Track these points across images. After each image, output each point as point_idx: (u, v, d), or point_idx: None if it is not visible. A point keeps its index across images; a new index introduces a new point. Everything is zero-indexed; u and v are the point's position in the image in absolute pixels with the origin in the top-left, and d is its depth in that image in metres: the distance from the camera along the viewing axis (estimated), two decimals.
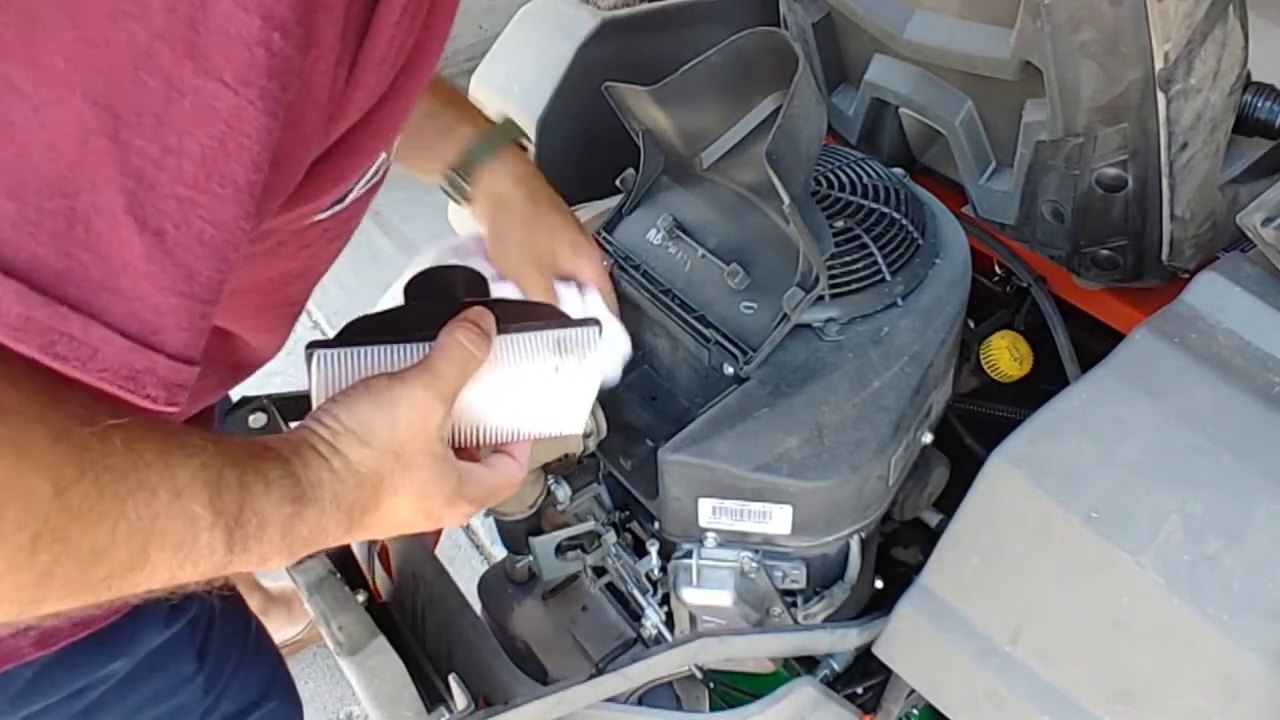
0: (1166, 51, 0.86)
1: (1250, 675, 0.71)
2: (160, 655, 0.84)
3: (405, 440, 0.60)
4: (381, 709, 1.00)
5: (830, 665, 1.01)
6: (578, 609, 1.21)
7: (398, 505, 0.62)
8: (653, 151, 1.05)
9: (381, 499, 0.60)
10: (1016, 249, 1.18)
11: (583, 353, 0.69)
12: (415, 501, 0.62)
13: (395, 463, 0.60)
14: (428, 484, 0.62)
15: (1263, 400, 0.78)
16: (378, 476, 0.60)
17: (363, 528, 0.61)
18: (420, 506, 0.63)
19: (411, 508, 0.62)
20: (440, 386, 0.61)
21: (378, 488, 0.60)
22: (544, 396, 0.70)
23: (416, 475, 0.61)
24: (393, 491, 0.61)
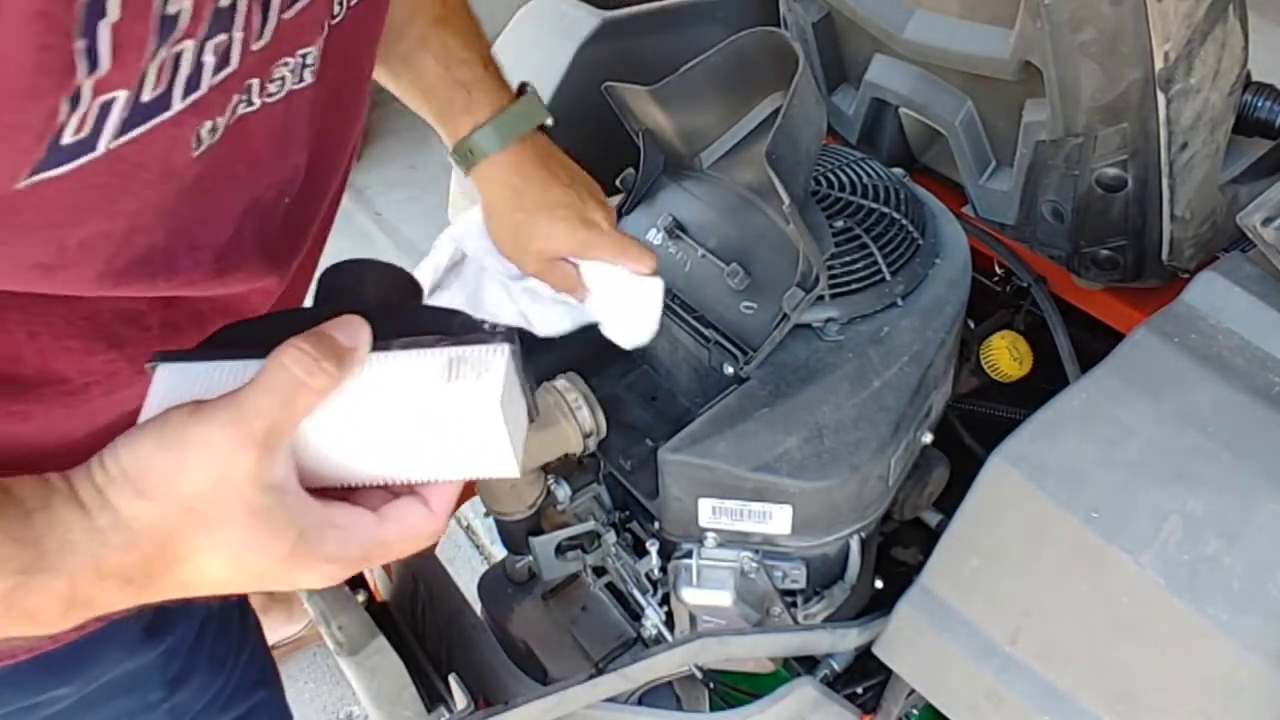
0: (1166, 51, 0.86)
1: (1250, 675, 0.71)
2: (126, 680, 0.80)
3: (197, 491, 0.48)
4: (381, 709, 1.00)
5: (830, 665, 1.01)
6: (578, 609, 1.21)
7: (206, 567, 0.50)
8: (653, 151, 1.05)
9: (177, 560, 0.49)
10: (1016, 249, 1.18)
11: (478, 376, 0.53)
12: (231, 564, 0.50)
13: (186, 518, 0.48)
14: (244, 544, 0.49)
15: (1263, 400, 0.78)
16: (162, 535, 0.48)
17: (159, 590, 0.50)
18: (243, 569, 0.50)
19: (231, 570, 0.50)
20: (248, 425, 0.48)
21: (165, 548, 0.48)
22: (432, 432, 0.54)
23: (223, 533, 0.49)
24: (192, 552, 0.49)
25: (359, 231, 2.97)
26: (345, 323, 0.53)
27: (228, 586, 0.52)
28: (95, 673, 0.78)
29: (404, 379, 0.53)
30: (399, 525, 0.55)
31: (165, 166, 0.51)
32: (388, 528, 0.54)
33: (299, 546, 0.50)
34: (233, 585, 0.52)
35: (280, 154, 0.61)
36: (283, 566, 0.51)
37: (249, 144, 0.57)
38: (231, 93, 0.53)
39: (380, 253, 2.89)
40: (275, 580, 0.52)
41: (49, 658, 0.73)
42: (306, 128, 0.62)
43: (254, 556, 0.50)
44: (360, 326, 0.53)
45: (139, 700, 0.83)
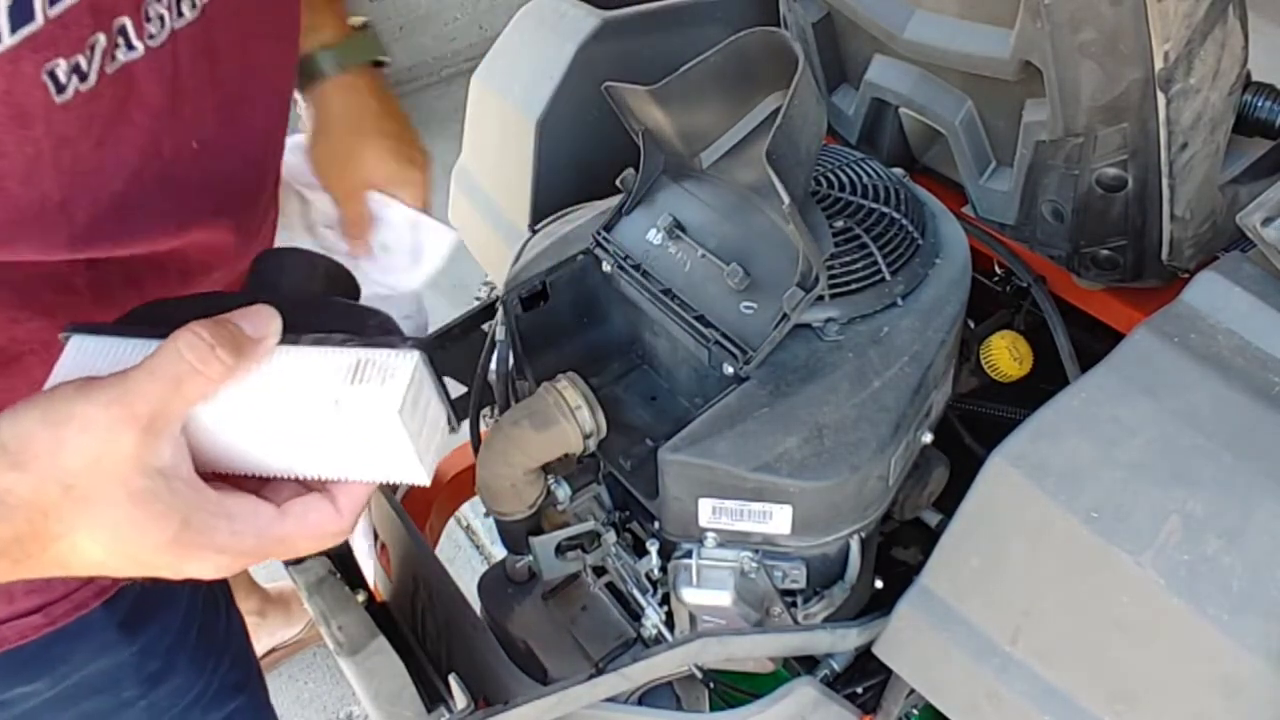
0: (1166, 51, 0.86)
1: (1250, 675, 0.71)
2: (99, 677, 0.79)
3: (75, 469, 0.47)
4: (381, 709, 1.00)
5: (830, 665, 1.01)
6: (578, 609, 1.21)
7: (83, 546, 0.49)
8: (653, 151, 1.05)
9: (52, 537, 0.48)
10: (1016, 249, 1.18)
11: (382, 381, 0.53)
12: (111, 545, 0.49)
13: (63, 496, 0.47)
14: (124, 526, 0.48)
15: (1263, 400, 0.78)
16: (38, 510, 0.47)
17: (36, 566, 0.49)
18: (123, 551, 0.49)
19: (111, 552, 0.49)
20: (132, 406, 0.47)
21: (40, 524, 0.48)
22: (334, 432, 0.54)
23: (101, 511, 0.48)
24: (68, 530, 0.48)
25: None
26: (254, 312, 0.52)
27: (108, 569, 0.51)
28: (66, 670, 0.77)
29: (307, 376, 0.52)
30: (299, 521, 0.54)
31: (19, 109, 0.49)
32: (287, 523, 0.53)
33: (184, 533, 0.49)
34: (114, 568, 0.50)
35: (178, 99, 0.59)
36: (167, 553, 0.50)
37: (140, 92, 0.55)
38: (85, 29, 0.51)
39: None
40: (160, 566, 0.51)
41: (18, 653, 0.72)
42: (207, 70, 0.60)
43: (135, 540, 0.49)
44: (270, 317, 0.52)
45: (113, 698, 0.82)
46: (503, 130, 1.39)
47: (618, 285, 1.06)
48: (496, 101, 1.38)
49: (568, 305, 1.10)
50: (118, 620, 0.78)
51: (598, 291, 1.10)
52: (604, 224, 1.08)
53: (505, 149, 1.39)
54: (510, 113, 1.35)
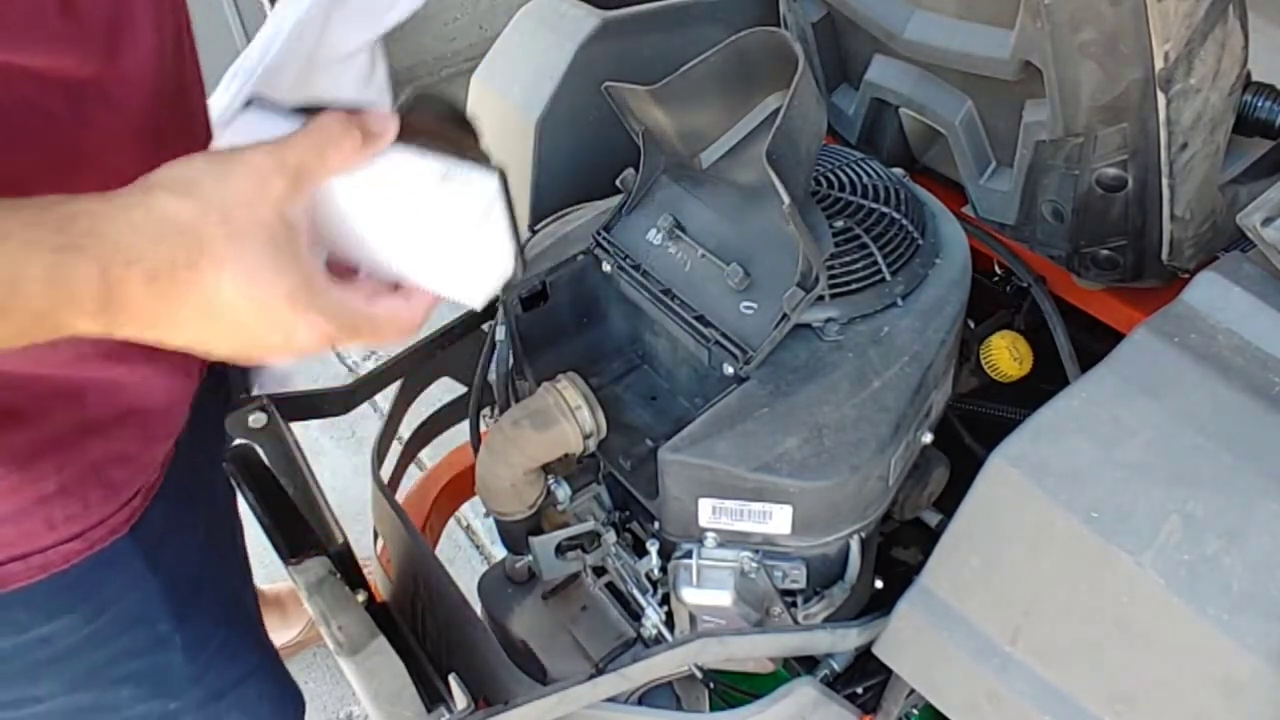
0: (1166, 51, 0.86)
1: (1250, 675, 0.71)
2: (128, 612, 0.83)
3: (234, 202, 0.53)
4: (381, 709, 1.00)
5: (830, 665, 1.01)
6: (578, 609, 1.21)
7: (221, 284, 0.53)
8: (653, 151, 1.05)
9: (199, 266, 0.52)
10: (1016, 249, 1.18)
11: (469, 185, 0.61)
12: (245, 286, 0.53)
13: (219, 225, 0.52)
14: (260, 264, 0.53)
15: (1263, 400, 0.78)
16: (194, 235, 0.52)
17: (178, 303, 0.53)
18: (252, 294, 0.54)
19: (239, 293, 0.53)
20: (285, 157, 0.55)
21: (193, 249, 0.52)
22: (424, 224, 0.62)
23: (246, 247, 0.53)
24: (215, 264, 0.52)
25: None
26: (378, 114, 0.60)
27: (237, 325, 0.55)
28: (101, 600, 0.80)
29: (410, 171, 0.61)
30: (385, 308, 0.61)
31: None
32: (373, 308, 0.61)
33: (302, 291, 0.55)
34: (242, 324, 0.55)
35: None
36: (285, 304, 0.55)
37: None
38: None
39: None
40: (281, 325, 0.56)
41: (61, 579, 0.76)
42: None
43: (266, 284, 0.54)
44: (390, 120, 0.60)
45: (149, 633, 0.85)
46: (503, 130, 1.39)
47: (618, 285, 1.06)
48: (496, 101, 1.38)
49: (568, 305, 1.10)
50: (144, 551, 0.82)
51: (598, 291, 1.10)
52: (604, 224, 1.08)
53: (505, 149, 1.39)
54: (510, 113, 1.35)
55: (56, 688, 0.82)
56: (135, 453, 0.79)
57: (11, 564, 0.74)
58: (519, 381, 1.13)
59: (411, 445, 1.34)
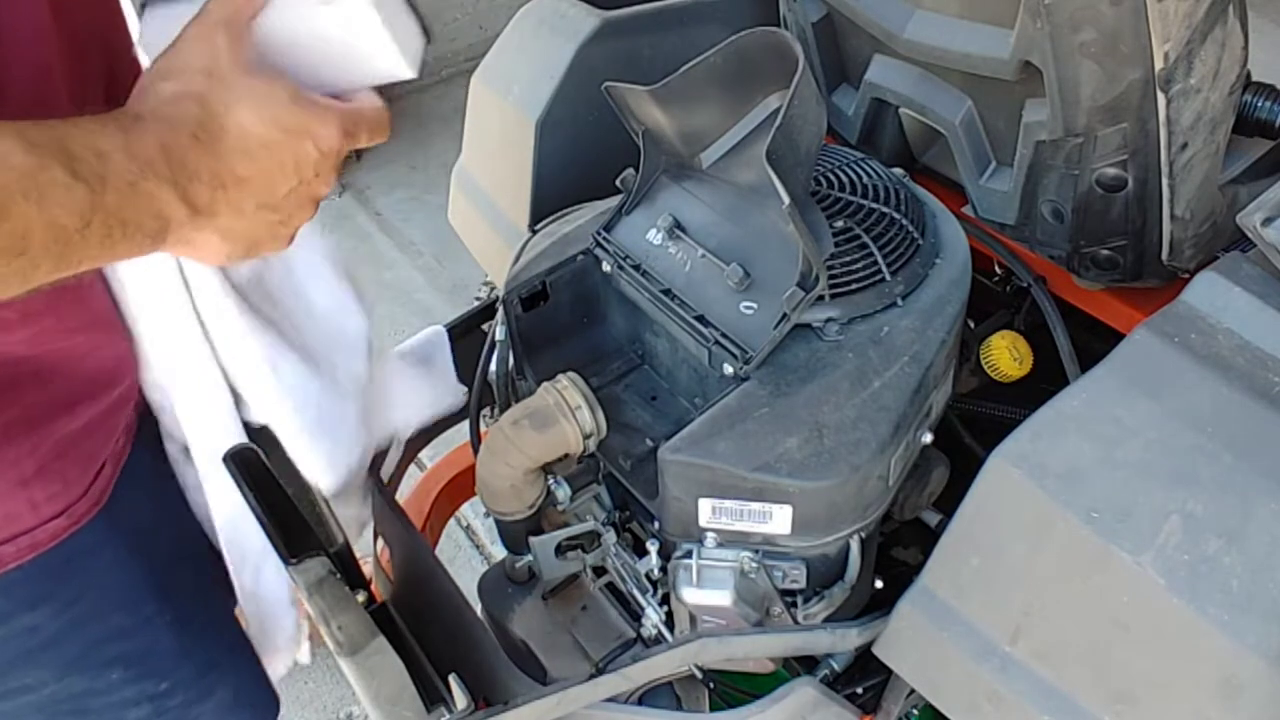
0: (1166, 51, 0.86)
1: (1250, 675, 0.71)
2: (113, 593, 0.85)
3: (200, 65, 0.63)
4: (381, 709, 1.00)
5: (830, 665, 1.01)
6: (578, 609, 1.21)
7: (242, 118, 0.63)
8: (653, 151, 1.05)
9: (218, 115, 0.62)
10: (1016, 249, 1.18)
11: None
12: (260, 110, 0.63)
13: (207, 80, 0.62)
14: (253, 91, 0.63)
15: (1263, 400, 0.78)
16: (194, 97, 0.62)
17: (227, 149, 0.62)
18: (270, 116, 0.63)
19: (260, 118, 0.63)
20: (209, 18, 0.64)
21: (201, 106, 0.62)
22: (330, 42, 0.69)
23: (240, 84, 0.63)
24: (225, 107, 0.62)
25: (359, 231, 2.97)
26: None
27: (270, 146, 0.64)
28: (81, 583, 0.81)
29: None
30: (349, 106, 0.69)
31: None
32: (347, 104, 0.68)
33: (296, 94, 0.65)
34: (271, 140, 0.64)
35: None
36: (295, 108, 0.64)
37: None
38: None
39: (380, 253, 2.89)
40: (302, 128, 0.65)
41: (33, 569, 0.77)
42: None
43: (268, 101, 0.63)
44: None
45: (135, 613, 0.87)
46: (503, 130, 1.39)
47: (618, 285, 1.06)
48: (496, 101, 1.38)
49: (568, 305, 1.10)
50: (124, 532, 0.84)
51: (598, 291, 1.10)
52: (604, 224, 1.08)
53: (505, 149, 1.39)
54: (510, 113, 1.35)
55: (48, 675, 0.83)
56: (100, 421, 0.81)
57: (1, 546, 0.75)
58: (519, 381, 1.13)
59: (411, 445, 1.34)
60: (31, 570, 0.77)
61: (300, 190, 0.67)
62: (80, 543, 0.79)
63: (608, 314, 1.12)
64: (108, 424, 0.82)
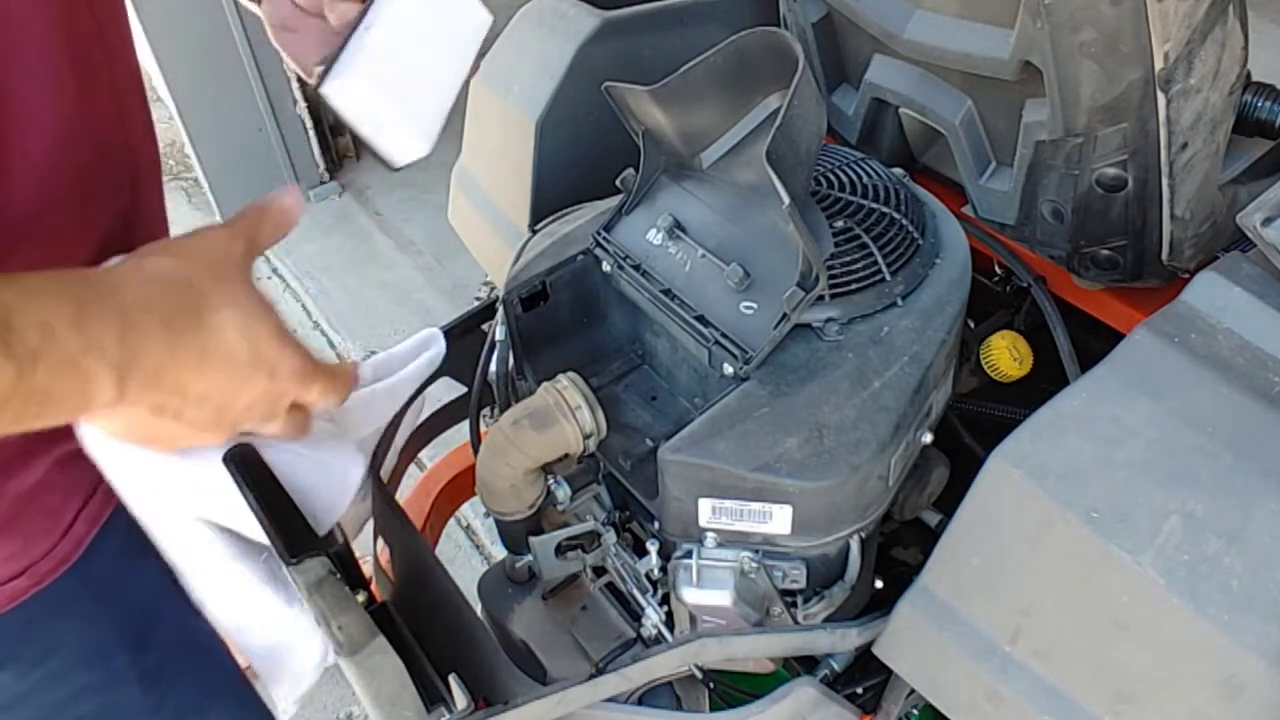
0: (1166, 51, 0.86)
1: (1250, 675, 0.71)
2: (82, 650, 0.81)
3: (211, 257, 0.62)
4: (381, 709, 1.00)
5: (830, 665, 1.01)
6: (578, 609, 1.21)
7: (224, 323, 0.61)
8: (653, 151, 1.05)
9: (201, 311, 0.60)
10: (1016, 249, 1.18)
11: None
12: (241, 323, 0.62)
13: (208, 275, 0.61)
14: (250, 306, 0.63)
15: (1263, 400, 0.78)
16: (189, 283, 0.60)
17: (189, 347, 0.59)
18: (247, 331, 0.62)
19: (237, 330, 0.61)
20: (235, 228, 0.65)
21: (194, 296, 0.60)
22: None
23: (237, 292, 0.62)
24: (214, 306, 0.61)
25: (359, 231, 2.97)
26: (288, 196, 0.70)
27: (236, 363, 0.62)
28: (49, 642, 0.79)
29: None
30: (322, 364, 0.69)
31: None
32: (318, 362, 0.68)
33: (281, 327, 0.64)
34: (234, 355, 0.62)
35: None
36: (273, 340, 0.63)
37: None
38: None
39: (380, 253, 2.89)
40: (268, 360, 0.63)
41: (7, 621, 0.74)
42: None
43: (256, 320, 0.63)
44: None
45: (104, 669, 0.84)
46: (503, 130, 1.39)
47: (618, 285, 1.06)
48: (496, 101, 1.38)
49: (568, 305, 1.10)
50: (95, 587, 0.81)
51: (598, 291, 1.10)
52: (604, 224, 1.08)
53: (505, 149, 1.39)
54: (510, 113, 1.35)
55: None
56: (60, 472, 0.76)
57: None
58: (519, 381, 1.13)
59: (411, 445, 1.34)
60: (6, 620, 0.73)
61: (225, 414, 0.64)
62: (46, 600, 0.76)
63: (608, 314, 1.12)
64: (70, 476, 0.77)
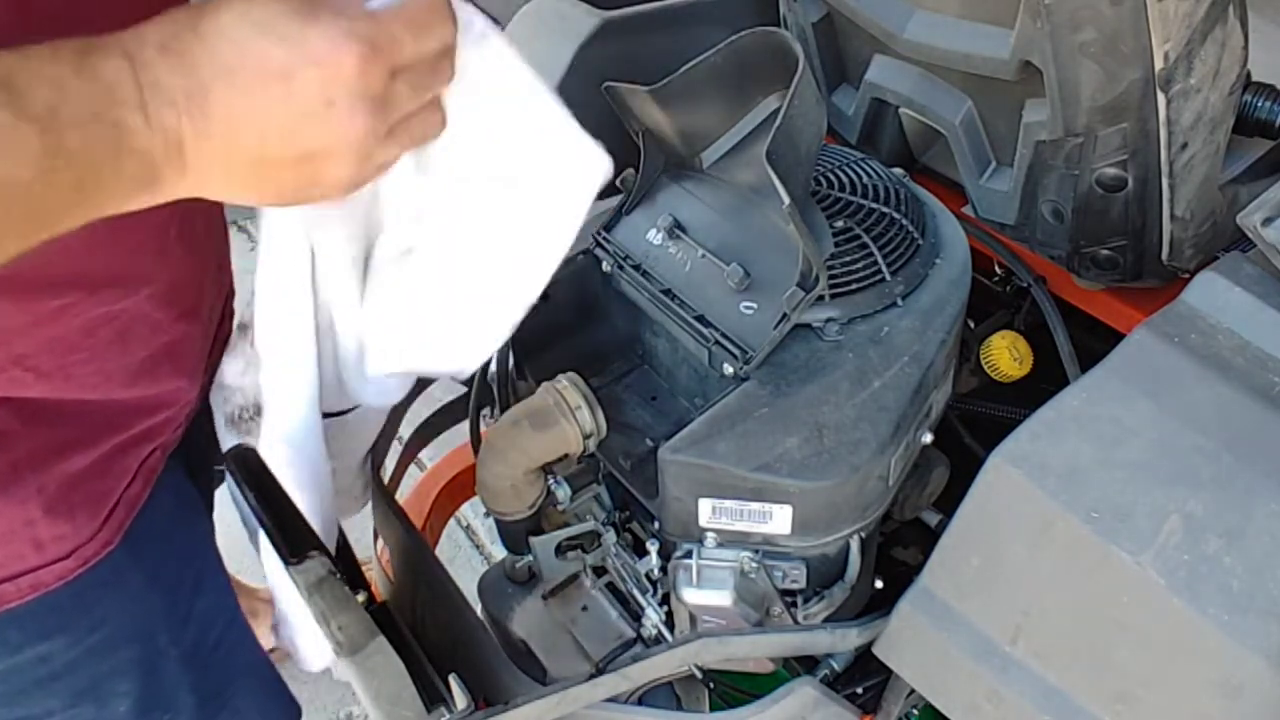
0: (1166, 51, 0.86)
1: (1250, 675, 0.71)
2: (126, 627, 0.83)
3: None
4: (381, 709, 1.00)
5: (830, 665, 1.01)
6: (578, 609, 1.21)
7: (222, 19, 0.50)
8: (653, 151, 1.05)
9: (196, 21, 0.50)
10: (1016, 249, 1.18)
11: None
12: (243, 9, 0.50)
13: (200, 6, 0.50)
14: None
15: (1263, 400, 0.78)
16: (183, 13, 0.50)
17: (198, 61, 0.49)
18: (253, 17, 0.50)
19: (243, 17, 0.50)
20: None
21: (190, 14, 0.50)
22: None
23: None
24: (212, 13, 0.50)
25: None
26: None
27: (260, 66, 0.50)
28: (96, 617, 0.80)
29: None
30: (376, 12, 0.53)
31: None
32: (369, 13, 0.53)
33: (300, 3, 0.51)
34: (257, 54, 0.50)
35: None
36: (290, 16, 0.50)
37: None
38: None
39: None
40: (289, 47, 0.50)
41: (54, 599, 0.75)
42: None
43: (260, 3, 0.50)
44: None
45: (147, 646, 0.85)
46: None
47: (618, 285, 1.06)
48: None
49: (568, 305, 1.10)
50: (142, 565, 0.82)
51: (598, 291, 1.10)
52: (604, 224, 1.08)
53: None
54: None
55: (56, 704, 0.81)
56: (113, 459, 0.78)
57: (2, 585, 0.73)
58: (519, 381, 1.13)
59: (411, 445, 1.34)
60: (45, 603, 0.75)
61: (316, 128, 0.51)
62: (97, 576, 0.77)
63: (608, 314, 1.12)
64: (122, 463, 0.79)
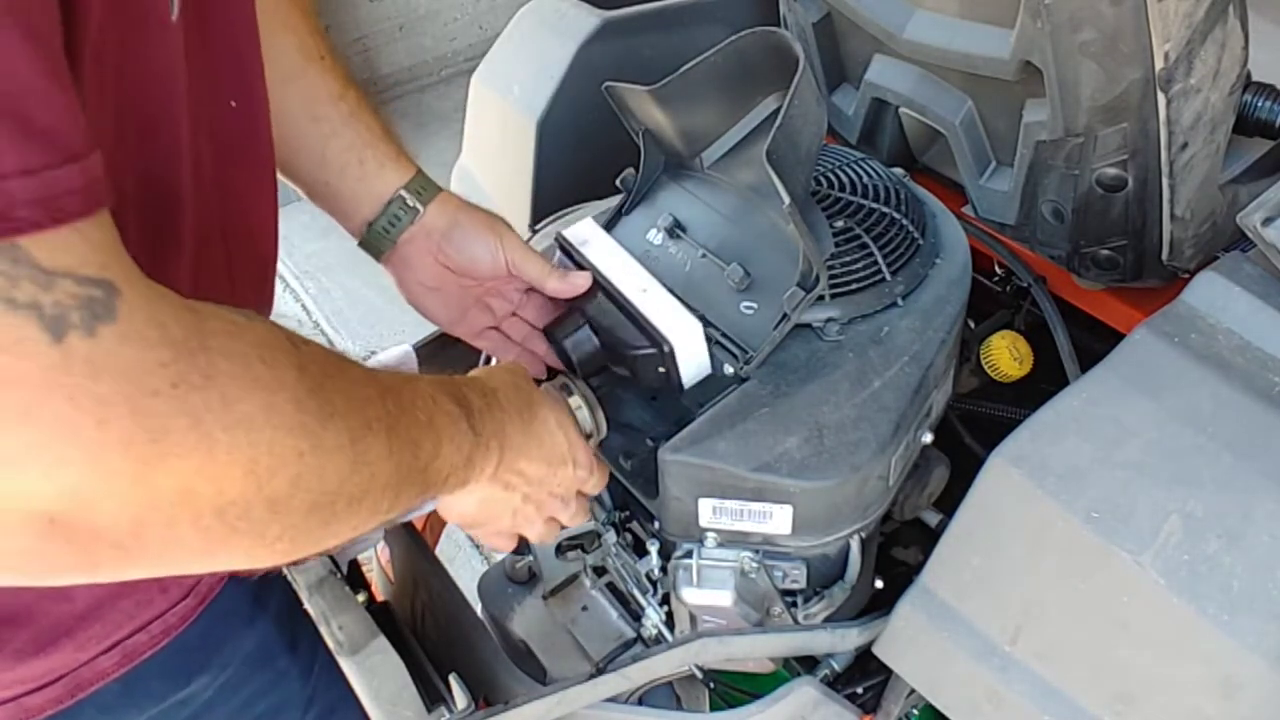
0: (1166, 51, 0.86)
1: (1250, 675, 0.71)
2: (253, 655, 0.85)
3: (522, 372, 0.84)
4: (381, 709, 1.00)
5: (830, 665, 1.01)
6: (578, 609, 1.21)
7: (548, 418, 0.79)
8: (653, 151, 1.05)
9: (535, 407, 0.79)
10: (1016, 249, 1.18)
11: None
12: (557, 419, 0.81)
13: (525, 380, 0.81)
14: (557, 407, 0.84)
15: (1263, 400, 0.78)
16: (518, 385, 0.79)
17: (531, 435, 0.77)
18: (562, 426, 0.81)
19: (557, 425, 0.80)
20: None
21: (523, 394, 0.78)
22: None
23: (546, 396, 0.83)
24: (540, 403, 0.80)
25: None
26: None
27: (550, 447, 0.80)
28: (226, 653, 0.82)
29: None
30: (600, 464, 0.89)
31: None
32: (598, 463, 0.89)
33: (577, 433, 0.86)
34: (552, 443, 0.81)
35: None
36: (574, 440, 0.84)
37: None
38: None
39: None
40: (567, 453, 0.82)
41: (179, 645, 0.77)
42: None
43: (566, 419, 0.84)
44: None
45: (270, 669, 0.88)
46: (503, 130, 1.39)
47: None
48: (496, 101, 1.38)
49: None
50: (250, 592, 0.85)
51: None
52: (604, 224, 1.08)
53: (505, 149, 1.39)
54: (510, 113, 1.35)
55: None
56: None
57: (135, 636, 0.74)
58: None
59: None
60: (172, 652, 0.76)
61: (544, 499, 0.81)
62: (216, 611, 0.79)
63: None
64: None
